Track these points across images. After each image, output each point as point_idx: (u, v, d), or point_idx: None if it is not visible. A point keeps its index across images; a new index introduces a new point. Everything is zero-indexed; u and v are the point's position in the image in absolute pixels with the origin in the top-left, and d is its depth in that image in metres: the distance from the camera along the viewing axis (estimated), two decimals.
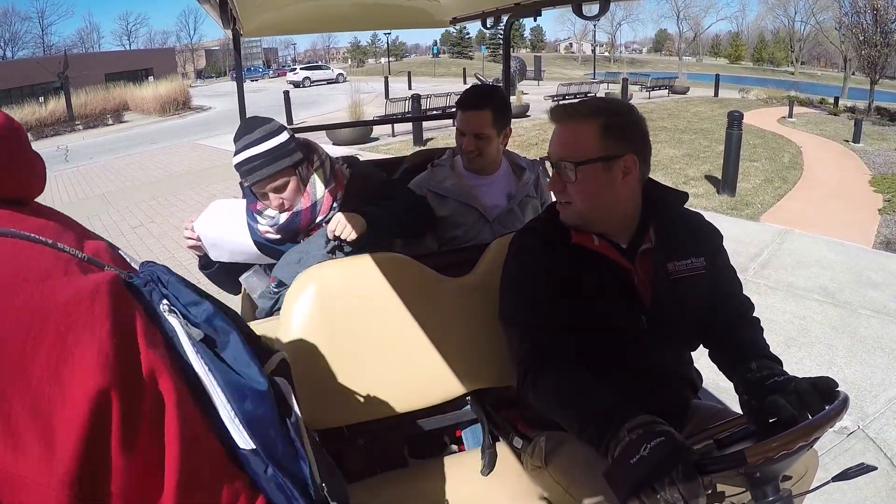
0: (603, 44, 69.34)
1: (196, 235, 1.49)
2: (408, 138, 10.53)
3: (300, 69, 36.49)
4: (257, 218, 1.46)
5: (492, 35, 33.20)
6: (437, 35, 72.32)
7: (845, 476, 0.81)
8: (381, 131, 11.40)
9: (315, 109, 17.20)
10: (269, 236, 1.46)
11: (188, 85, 28.62)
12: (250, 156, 1.35)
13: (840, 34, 27.37)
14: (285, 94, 12.63)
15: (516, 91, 14.04)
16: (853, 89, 24.43)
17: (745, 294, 1.19)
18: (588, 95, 15.52)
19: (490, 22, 2.09)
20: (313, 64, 44.08)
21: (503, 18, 2.03)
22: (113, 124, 20.56)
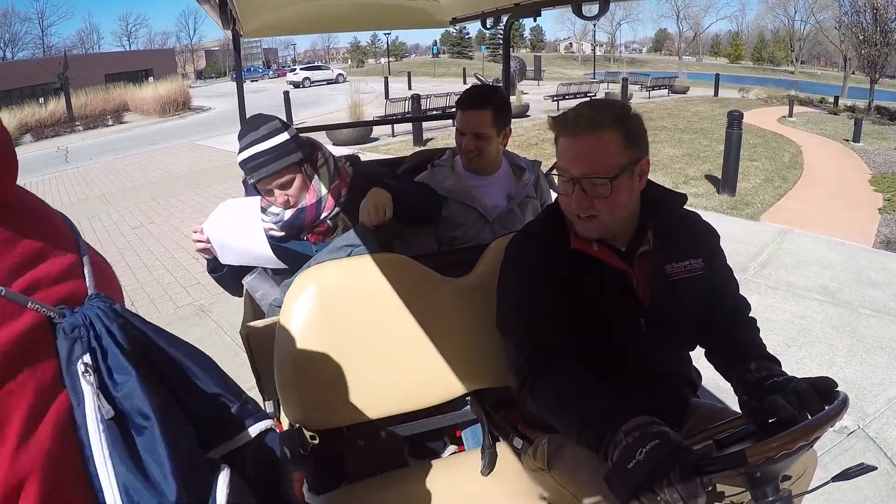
0: (603, 43, 69.45)
1: (206, 238, 1.47)
2: (408, 138, 10.53)
3: (300, 69, 36.48)
4: (261, 215, 1.46)
5: (492, 35, 33.20)
6: (437, 35, 72.47)
7: (845, 476, 0.81)
8: (381, 131, 11.40)
9: (315, 110, 17.20)
10: (273, 233, 1.46)
11: (188, 85, 28.62)
12: (256, 152, 1.35)
13: (840, 33, 27.37)
14: (285, 95, 12.61)
15: (516, 91, 14.03)
16: (853, 88, 24.41)
17: (744, 294, 1.19)
18: (588, 95, 15.52)
19: (490, 22, 2.09)
20: (313, 64, 44.09)
21: (503, 19, 2.03)
22: (113, 125, 20.57)
